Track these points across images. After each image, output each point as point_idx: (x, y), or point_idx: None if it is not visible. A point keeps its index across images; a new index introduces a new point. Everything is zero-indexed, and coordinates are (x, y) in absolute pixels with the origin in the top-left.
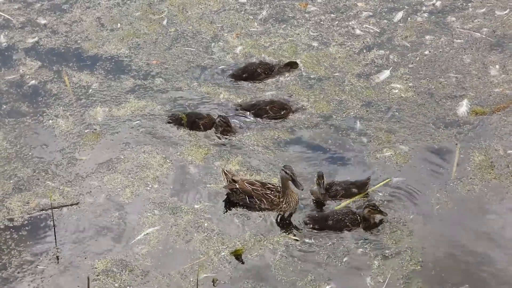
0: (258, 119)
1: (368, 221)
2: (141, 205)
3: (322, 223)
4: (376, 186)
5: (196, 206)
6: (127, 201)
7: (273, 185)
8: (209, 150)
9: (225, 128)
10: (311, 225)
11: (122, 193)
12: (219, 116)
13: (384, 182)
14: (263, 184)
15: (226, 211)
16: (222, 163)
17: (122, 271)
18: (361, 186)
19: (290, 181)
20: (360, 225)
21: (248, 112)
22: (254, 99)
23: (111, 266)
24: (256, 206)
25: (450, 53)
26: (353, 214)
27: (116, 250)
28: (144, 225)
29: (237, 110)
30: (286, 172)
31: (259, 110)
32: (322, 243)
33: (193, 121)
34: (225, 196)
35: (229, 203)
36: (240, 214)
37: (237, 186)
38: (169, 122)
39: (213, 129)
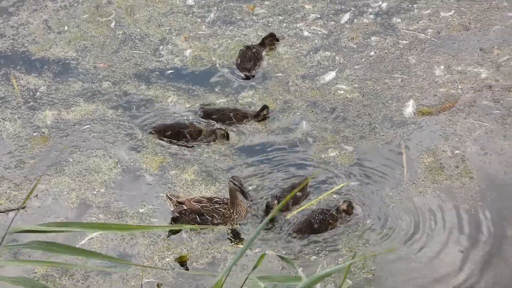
0: (220, 124)
1: (344, 215)
2: (86, 209)
3: (310, 229)
4: (333, 190)
5: (141, 210)
6: (72, 206)
7: (219, 198)
8: (165, 158)
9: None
10: (301, 236)
11: (68, 196)
12: (223, 129)
13: (341, 186)
14: (210, 199)
15: (174, 219)
16: (177, 173)
17: (62, 276)
18: (302, 188)
19: (238, 193)
20: (338, 220)
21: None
22: (207, 104)
23: (51, 271)
24: (209, 223)
25: (395, 54)
26: (328, 211)
27: (58, 254)
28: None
29: (202, 115)
30: (234, 184)
31: (222, 115)
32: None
33: (177, 132)
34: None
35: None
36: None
37: (185, 207)
38: (151, 133)
39: (202, 136)
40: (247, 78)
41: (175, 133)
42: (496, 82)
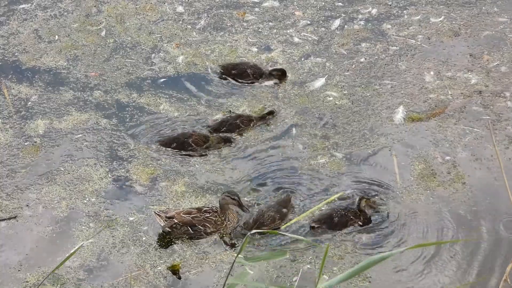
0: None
1: (364, 213)
2: (76, 218)
3: (328, 222)
4: (327, 201)
5: (131, 219)
6: (62, 215)
7: (208, 207)
8: (156, 169)
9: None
10: (319, 227)
11: (58, 205)
12: (227, 136)
13: (336, 196)
14: (199, 210)
15: (165, 230)
16: (167, 184)
17: (54, 284)
18: (286, 203)
19: (235, 206)
20: (360, 218)
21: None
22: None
23: (43, 280)
24: (202, 233)
25: (385, 60)
26: (349, 209)
27: (48, 263)
28: (78, 238)
29: (210, 132)
30: (233, 199)
31: (230, 125)
32: (271, 261)
33: (182, 142)
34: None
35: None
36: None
37: (176, 221)
38: (160, 144)
39: (209, 143)
40: (221, 73)
41: (180, 143)
42: (486, 87)
